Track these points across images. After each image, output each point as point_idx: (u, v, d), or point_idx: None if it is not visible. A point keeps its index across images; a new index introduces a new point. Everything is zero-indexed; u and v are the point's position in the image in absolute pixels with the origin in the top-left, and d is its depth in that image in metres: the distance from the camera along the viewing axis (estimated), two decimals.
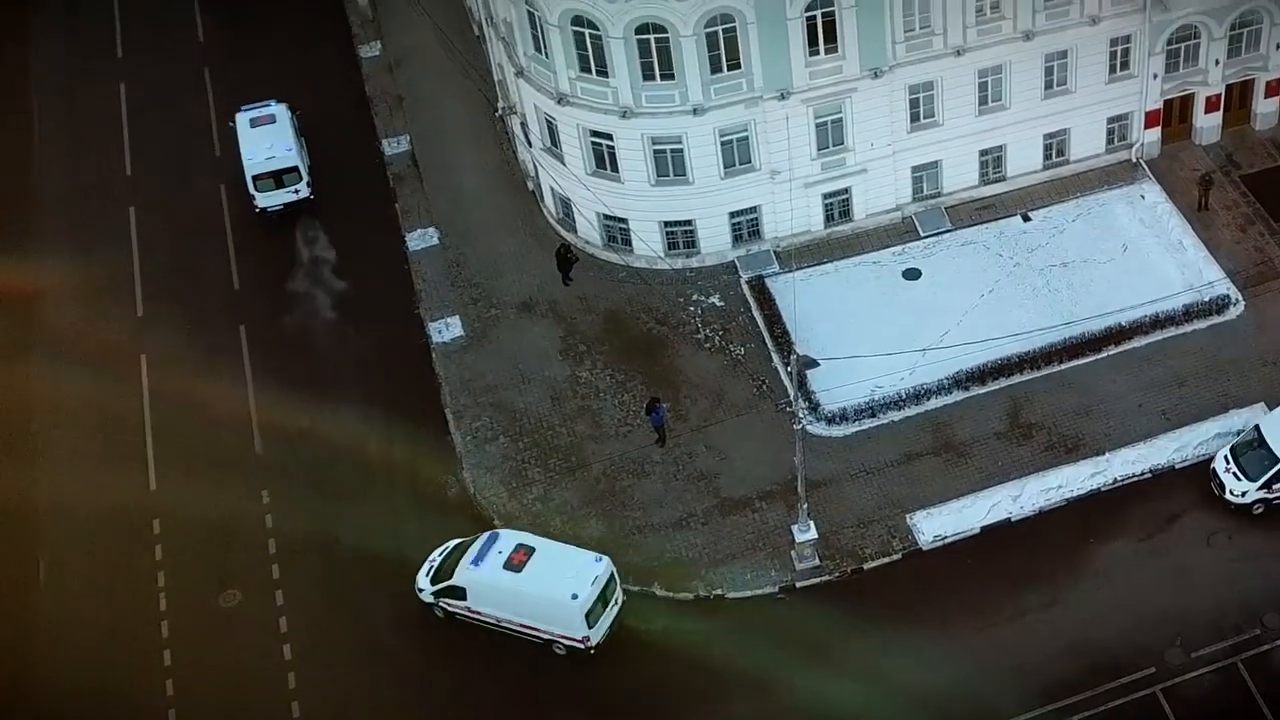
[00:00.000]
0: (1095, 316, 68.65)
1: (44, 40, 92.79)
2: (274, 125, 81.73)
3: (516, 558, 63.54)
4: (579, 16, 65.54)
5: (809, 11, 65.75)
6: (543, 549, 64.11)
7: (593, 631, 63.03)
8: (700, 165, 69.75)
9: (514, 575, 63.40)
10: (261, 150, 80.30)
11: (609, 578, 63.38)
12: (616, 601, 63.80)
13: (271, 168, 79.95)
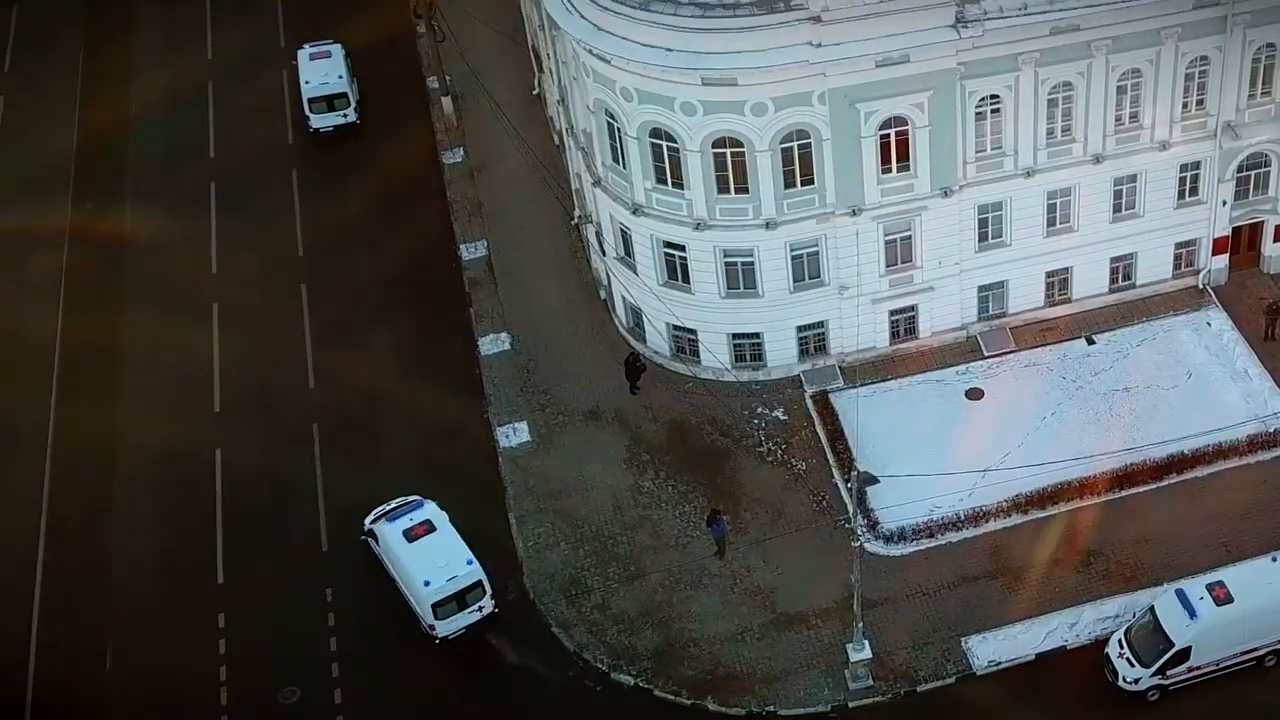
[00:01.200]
0: (1158, 443, 67.30)
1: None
2: (329, 60, 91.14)
3: (416, 530, 67.15)
4: (658, 129, 65.22)
5: (883, 130, 65.24)
6: (440, 534, 66.98)
7: (439, 624, 65.65)
8: (770, 279, 69.16)
9: (405, 544, 66.94)
10: (318, 77, 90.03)
11: (473, 584, 65.61)
12: (480, 609, 65.76)
13: (325, 92, 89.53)
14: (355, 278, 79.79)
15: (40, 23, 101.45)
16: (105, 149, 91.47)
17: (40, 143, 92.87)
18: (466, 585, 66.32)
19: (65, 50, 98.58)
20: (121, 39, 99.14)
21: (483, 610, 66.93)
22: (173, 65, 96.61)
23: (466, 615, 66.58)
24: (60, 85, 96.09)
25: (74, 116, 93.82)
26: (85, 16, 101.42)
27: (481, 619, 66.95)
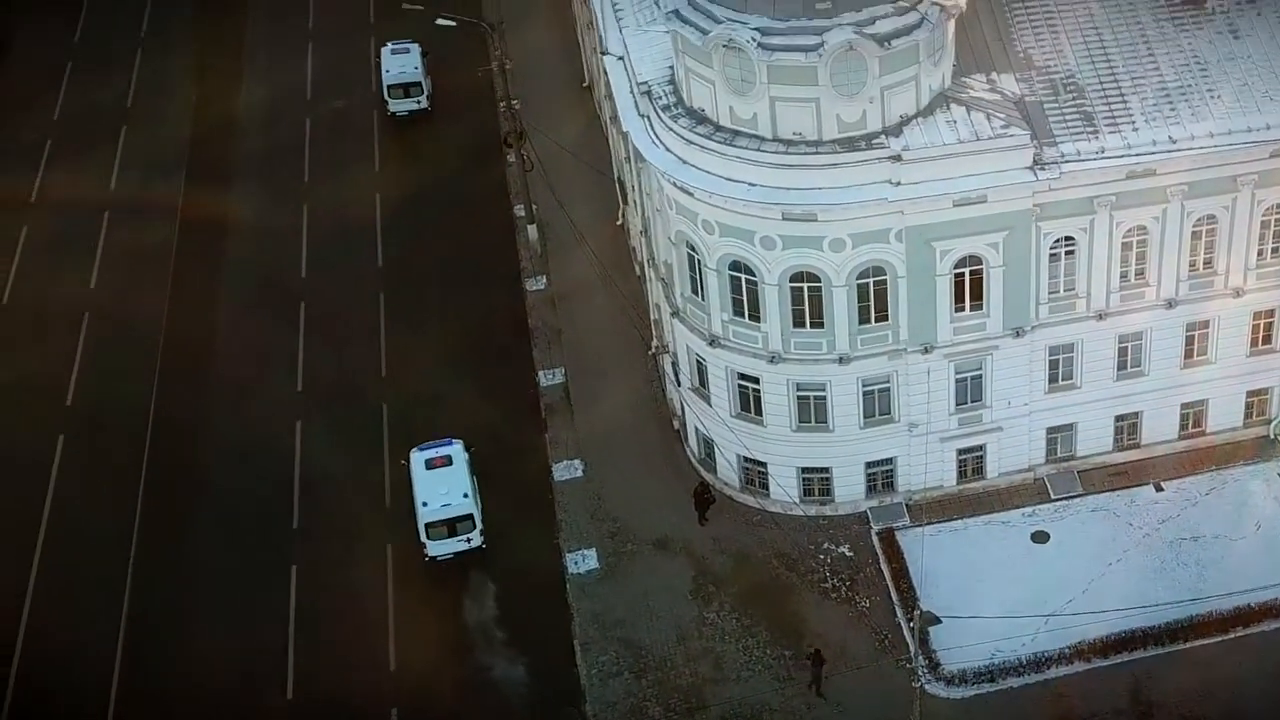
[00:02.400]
0: (1224, 595, 66.21)
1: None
2: (408, 55, 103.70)
3: (437, 461, 75.28)
4: (737, 262, 65.47)
5: (957, 269, 65.18)
6: (453, 469, 74.86)
7: (430, 544, 73.37)
8: (841, 414, 68.96)
9: (423, 471, 75.13)
10: (396, 68, 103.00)
11: (464, 515, 73.11)
12: (469, 540, 73.18)
13: (402, 80, 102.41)
14: (434, 406, 79.77)
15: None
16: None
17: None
18: (458, 515, 73.83)
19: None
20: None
21: (470, 542, 74.08)
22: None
23: (455, 542, 74.03)
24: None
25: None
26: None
27: (469, 549, 73.98)
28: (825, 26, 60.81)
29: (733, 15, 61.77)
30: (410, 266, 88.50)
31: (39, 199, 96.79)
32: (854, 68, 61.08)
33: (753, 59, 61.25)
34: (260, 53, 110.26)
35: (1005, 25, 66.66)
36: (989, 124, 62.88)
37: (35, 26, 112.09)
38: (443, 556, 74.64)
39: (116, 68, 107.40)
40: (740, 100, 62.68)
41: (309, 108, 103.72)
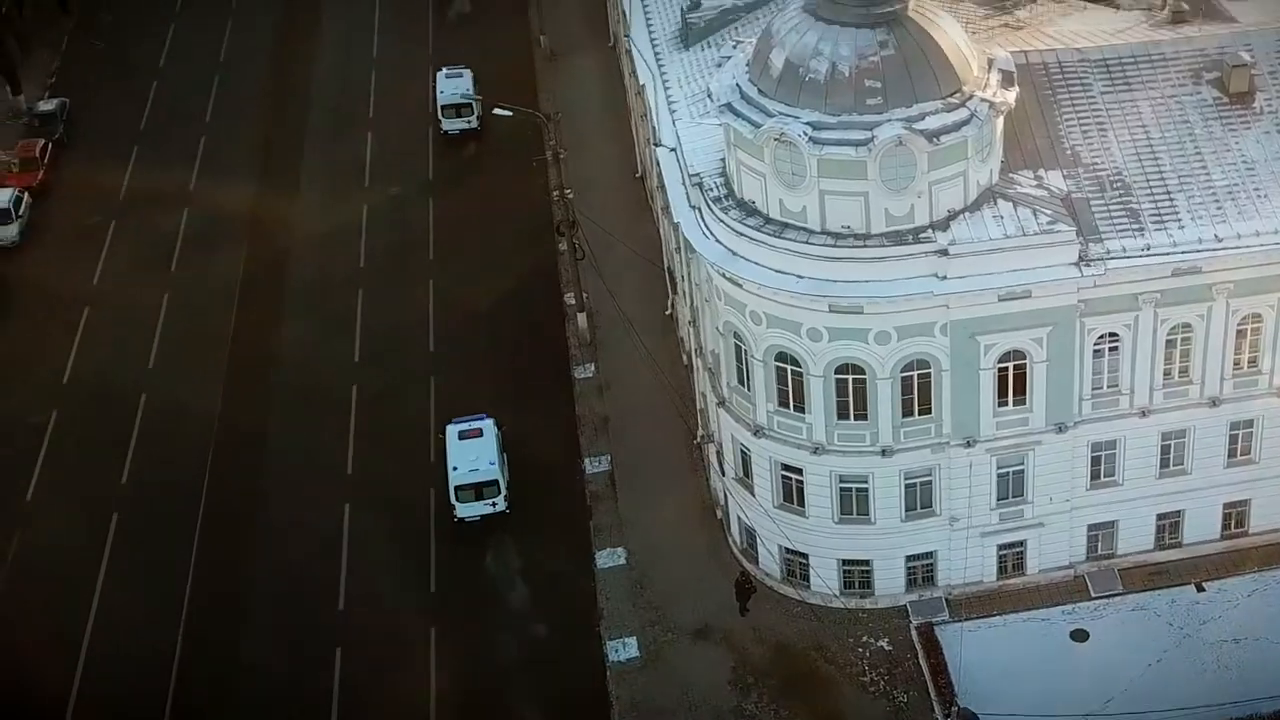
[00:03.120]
0: (1267, 698, 65.25)
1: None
2: (461, 78, 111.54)
3: (470, 433, 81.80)
4: (783, 353, 65.45)
5: (1001, 363, 64.98)
6: (483, 441, 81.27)
7: (458, 506, 79.59)
8: (883, 506, 68.65)
9: (456, 441, 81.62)
10: (449, 89, 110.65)
11: (489, 481, 79.30)
12: (493, 505, 79.24)
13: (454, 101, 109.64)
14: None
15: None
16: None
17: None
18: (484, 480, 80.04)
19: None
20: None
21: (495, 507, 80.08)
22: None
23: (482, 506, 79.98)
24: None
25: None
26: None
27: (493, 513, 79.77)
28: (876, 121, 61.19)
29: (785, 109, 62.22)
30: (461, 351, 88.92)
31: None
32: (903, 162, 61.35)
33: (804, 153, 61.56)
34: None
35: (1054, 122, 66.71)
36: (1035, 220, 62.92)
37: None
38: (470, 518, 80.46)
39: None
40: (790, 193, 62.94)
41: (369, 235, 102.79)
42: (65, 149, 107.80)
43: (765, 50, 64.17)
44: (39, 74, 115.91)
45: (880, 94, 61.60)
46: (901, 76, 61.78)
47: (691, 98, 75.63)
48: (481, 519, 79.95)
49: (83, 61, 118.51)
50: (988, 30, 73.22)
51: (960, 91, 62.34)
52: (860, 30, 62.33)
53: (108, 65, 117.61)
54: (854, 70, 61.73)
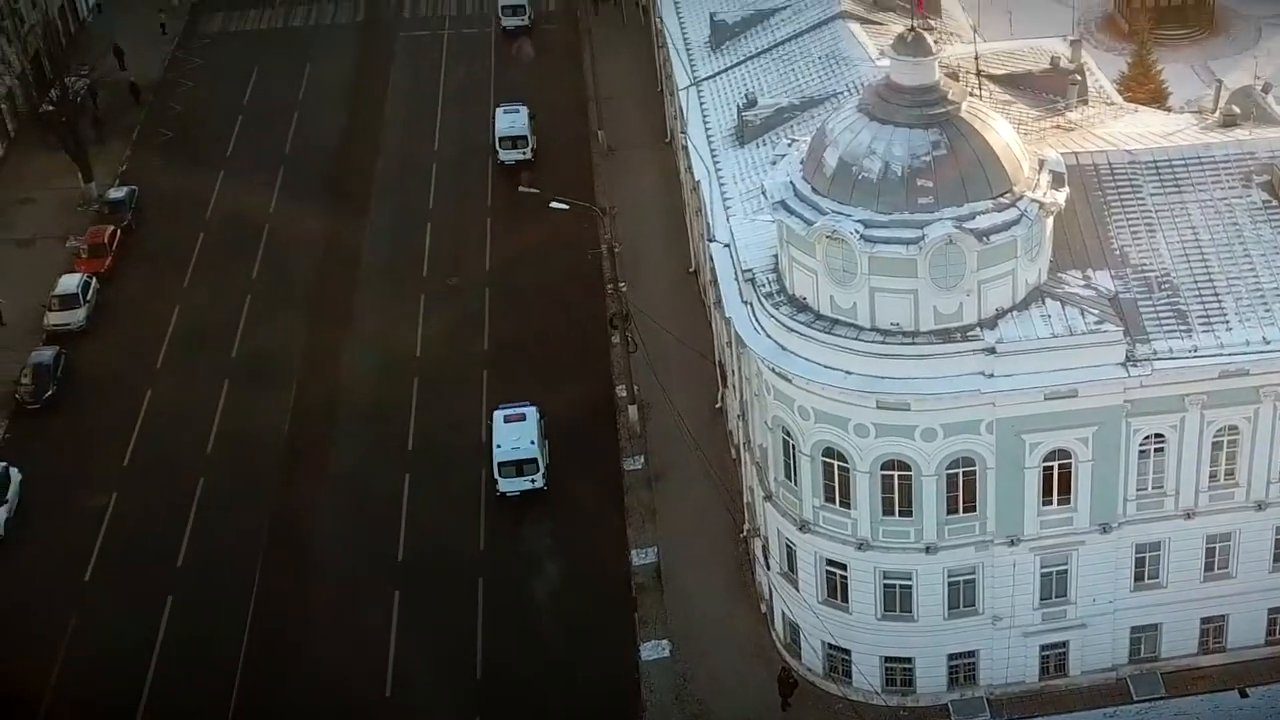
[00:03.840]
0: None
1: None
2: (518, 114, 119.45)
3: (513, 417, 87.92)
4: (830, 448, 64.98)
5: (1046, 462, 64.38)
6: (525, 424, 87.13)
7: (500, 481, 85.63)
8: (926, 603, 67.82)
9: (500, 424, 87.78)
10: (505, 125, 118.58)
11: (529, 459, 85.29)
12: (533, 481, 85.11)
13: (511, 134, 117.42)
14: (527, 585, 79.75)
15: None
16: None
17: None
18: (524, 458, 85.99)
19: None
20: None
21: (534, 483, 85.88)
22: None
23: (522, 481, 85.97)
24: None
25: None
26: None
27: (533, 489, 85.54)
28: (926, 220, 61.00)
29: (837, 207, 62.10)
30: None
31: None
32: (953, 261, 61.07)
33: (855, 250, 61.37)
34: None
35: (1103, 223, 66.34)
36: (1083, 319, 62.43)
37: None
38: (511, 493, 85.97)
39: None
40: (841, 290, 62.71)
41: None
42: (133, 236, 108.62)
43: (819, 149, 64.18)
44: (110, 162, 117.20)
45: (932, 193, 61.43)
46: (953, 176, 61.63)
47: (746, 194, 75.83)
48: (521, 494, 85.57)
49: (152, 150, 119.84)
50: (1039, 131, 73.24)
51: (1011, 191, 62.09)
52: (914, 130, 62.31)
53: (176, 155, 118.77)
54: (906, 170, 61.65)
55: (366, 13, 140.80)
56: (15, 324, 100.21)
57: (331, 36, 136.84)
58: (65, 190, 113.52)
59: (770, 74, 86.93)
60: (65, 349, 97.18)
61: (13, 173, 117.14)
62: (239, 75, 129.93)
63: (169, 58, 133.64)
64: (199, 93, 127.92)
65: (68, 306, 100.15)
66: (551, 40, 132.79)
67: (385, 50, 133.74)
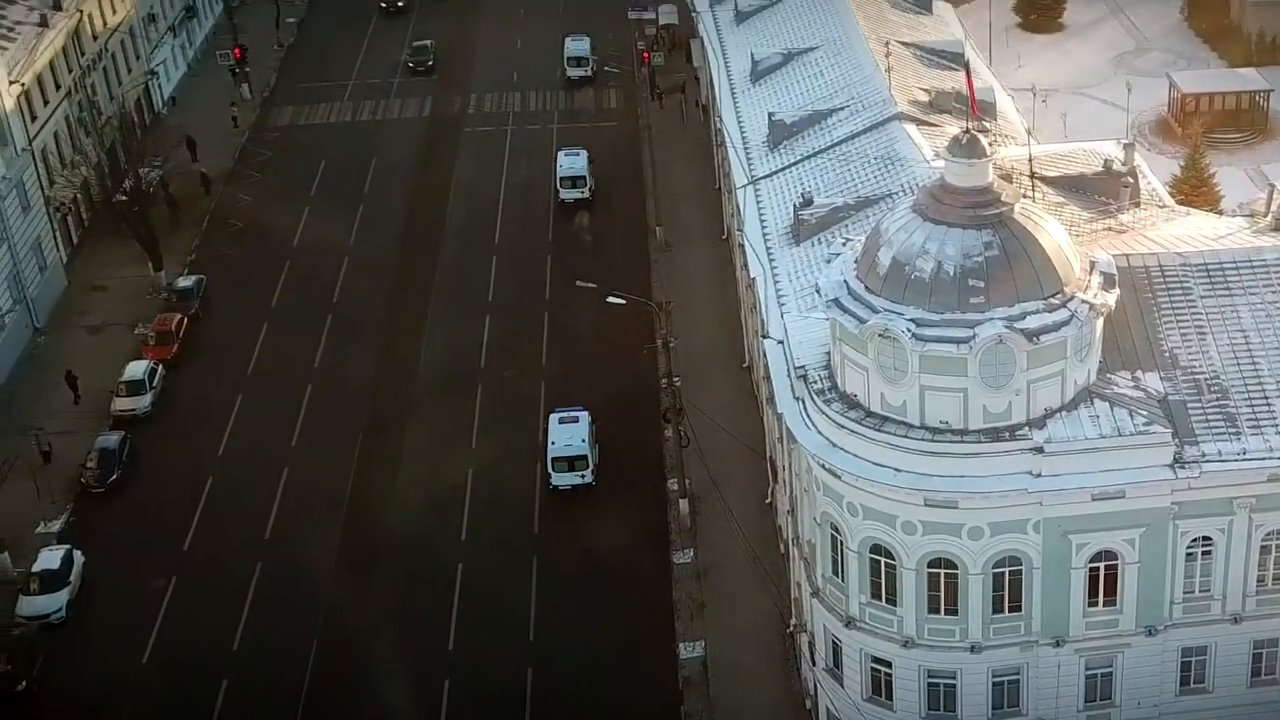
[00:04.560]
0: None
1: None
2: (577, 157, 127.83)
3: (566, 419, 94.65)
4: (878, 545, 64.39)
5: (1092, 563, 63.54)
6: (578, 425, 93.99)
7: (553, 475, 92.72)
8: (970, 703, 66.73)
9: (557, 425, 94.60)
10: (566, 165, 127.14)
11: (580, 456, 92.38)
12: (582, 477, 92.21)
13: (571, 174, 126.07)
14: (579, 678, 79.05)
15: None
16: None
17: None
18: (575, 455, 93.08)
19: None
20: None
21: (584, 478, 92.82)
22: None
23: (573, 476, 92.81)
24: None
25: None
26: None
27: (582, 484, 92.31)
28: (977, 320, 60.59)
29: (890, 306, 61.79)
30: (561, 539, 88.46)
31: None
32: (1003, 360, 60.55)
33: (906, 348, 61.01)
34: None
35: (1153, 325, 65.73)
36: (1131, 421, 61.80)
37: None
38: (563, 486, 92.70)
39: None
40: (892, 387, 62.28)
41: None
42: (200, 324, 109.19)
43: (874, 248, 63.98)
44: (180, 251, 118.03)
45: (983, 293, 61.05)
46: (1004, 276, 61.26)
47: (800, 291, 75.58)
48: (572, 488, 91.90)
49: (221, 240, 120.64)
50: (1091, 233, 72.84)
51: (1062, 292, 61.64)
52: (966, 231, 62.01)
53: (244, 245, 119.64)
54: (958, 269, 61.35)
55: (433, 108, 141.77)
56: (83, 408, 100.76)
57: (398, 130, 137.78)
58: (135, 278, 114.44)
59: (827, 173, 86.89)
60: (131, 434, 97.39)
61: (86, 260, 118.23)
62: (307, 167, 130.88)
63: (240, 149, 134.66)
64: (268, 184, 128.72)
65: (134, 392, 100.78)
66: (612, 135, 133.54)
67: (450, 144, 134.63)
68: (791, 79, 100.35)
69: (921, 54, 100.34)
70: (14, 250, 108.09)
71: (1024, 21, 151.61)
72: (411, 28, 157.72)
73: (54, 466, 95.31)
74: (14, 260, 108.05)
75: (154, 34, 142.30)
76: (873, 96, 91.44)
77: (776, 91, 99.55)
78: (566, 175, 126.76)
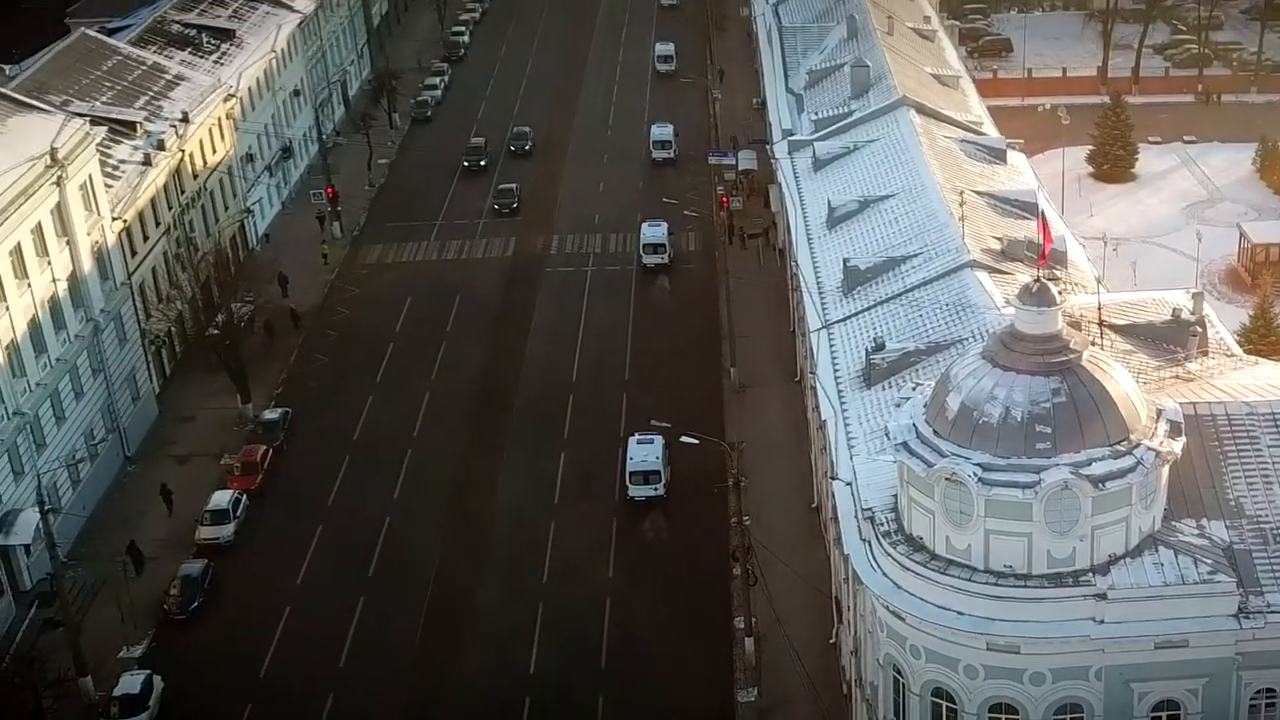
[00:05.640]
0: None
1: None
2: (659, 227, 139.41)
3: (644, 440, 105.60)
4: (939, 688, 63.37)
5: (1154, 712, 62.17)
6: (654, 445, 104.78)
7: (630, 487, 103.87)
8: None
9: (635, 444, 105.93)
10: (650, 234, 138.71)
11: (654, 471, 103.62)
12: (655, 489, 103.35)
13: (654, 241, 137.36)
14: None
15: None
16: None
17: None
18: (649, 470, 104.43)
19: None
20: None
21: (656, 490, 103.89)
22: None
23: (648, 489, 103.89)
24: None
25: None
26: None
27: (656, 495, 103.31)
28: (1043, 465, 60.04)
29: (957, 450, 61.35)
30: (628, 671, 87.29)
31: None
32: (1068, 506, 59.91)
33: (972, 492, 60.43)
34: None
35: (1219, 473, 64.76)
36: (1196, 569, 60.76)
37: None
38: (639, 498, 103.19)
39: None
40: (957, 531, 61.61)
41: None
42: (283, 456, 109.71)
43: (943, 393, 63.61)
44: (267, 384, 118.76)
45: (1050, 439, 60.51)
46: (1071, 423, 60.74)
47: (870, 434, 75.09)
48: (646, 499, 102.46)
49: (307, 374, 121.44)
50: (1159, 381, 72.10)
51: (1128, 439, 60.97)
52: (1035, 378, 61.59)
53: (330, 379, 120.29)
54: (1026, 415, 60.85)
55: (516, 248, 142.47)
56: (169, 536, 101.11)
57: (482, 269, 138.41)
58: (223, 410, 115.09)
59: (899, 318, 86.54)
60: (213, 562, 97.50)
61: (177, 392, 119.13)
62: (393, 304, 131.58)
63: (329, 286, 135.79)
64: (354, 320, 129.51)
65: (218, 522, 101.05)
66: (689, 278, 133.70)
67: (531, 284, 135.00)
68: (867, 225, 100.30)
69: (995, 202, 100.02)
70: (110, 381, 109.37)
71: (1096, 171, 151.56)
72: (497, 172, 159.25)
73: (140, 587, 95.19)
74: (109, 390, 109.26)
75: (251, 173, 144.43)
76: (946, 244, 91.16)
77: (852, 237, 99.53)
78: (649, 243, 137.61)
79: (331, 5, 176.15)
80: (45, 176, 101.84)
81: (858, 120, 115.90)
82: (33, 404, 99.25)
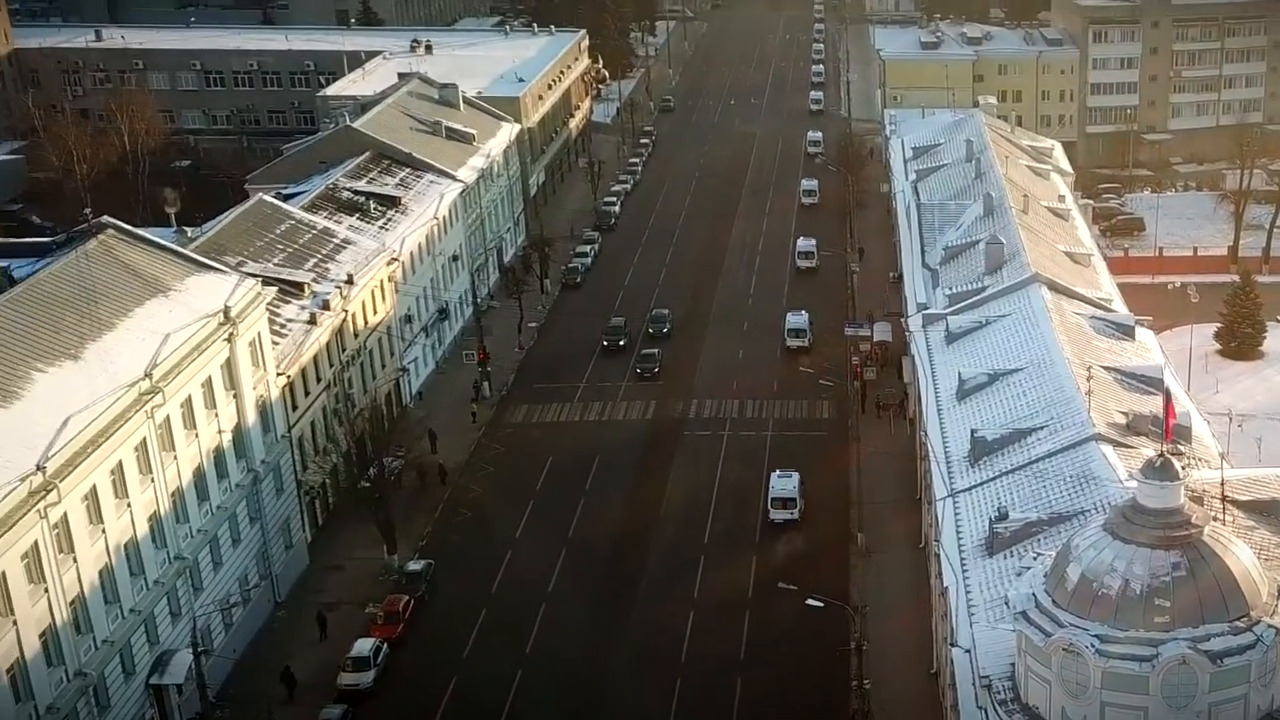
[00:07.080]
0: None
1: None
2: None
3: (783, 474, 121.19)
4: None
5: None
6: (788, 477, 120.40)
7: (771, 511, 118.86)
8: None
9: (775, 476, 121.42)
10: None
11: (790, 498, 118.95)
12: (792, 514, 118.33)
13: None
14: None
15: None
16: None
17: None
18: (787, 497, 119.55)
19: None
20: None
21: (792, 514, 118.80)
22: None
23: (785, 513, 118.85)
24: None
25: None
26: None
27: (791, 518, 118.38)
28: (1161, 639, 58.68)
29: (1075, 621, 60.13)
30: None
31: None
32: (1185, 681, 58.41)
33: (1089, 663, 59.01)
34: None
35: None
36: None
37: None
38: (778, 521, 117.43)
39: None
40: (1073, 701, 60.14)
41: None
42: (425, 606, 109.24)
43: (1063, 563, 62.43)
44: (413, 537, 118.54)
45: (1168, 613, 59.07)
46: (1191, 598, 59.34)
47: (990, 602, 73.86)
48: (783, 521, 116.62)
49: (451, 528, 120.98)
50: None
51: (1248, 616, 59.42)
52: (1155, 551, 60.39)
53: (472, 533, 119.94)
54: (1145, 588, 59.53)
55: (655, 411, 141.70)
56: (309, 681, 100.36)
57: (622, 431, 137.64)
58: (370, 560, 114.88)
59: (1023, 489, 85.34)
60: (352, 708, 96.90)
61: (328, 541, 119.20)
62: (535, 463, 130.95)
63: (475, 443, 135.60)
64: (498, 476, 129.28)
65: (359, 669, 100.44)
66: (820, 445, 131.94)
67: (669, 446, 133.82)
68: (996, 398, 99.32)
69: (1122, 378, 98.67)
70: (265, 529, 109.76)
71: (1224, 349, 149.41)
72: (640, 340, 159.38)
73: None
74: (264, 538, 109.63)
75: (409, 333, 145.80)
76: (1072, 417, 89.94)
77: (980, 409, 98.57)
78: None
79: (492, 175, 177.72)
80: (218, 333, 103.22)
81: (991, 295, 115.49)
82: (193, 549, 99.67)
